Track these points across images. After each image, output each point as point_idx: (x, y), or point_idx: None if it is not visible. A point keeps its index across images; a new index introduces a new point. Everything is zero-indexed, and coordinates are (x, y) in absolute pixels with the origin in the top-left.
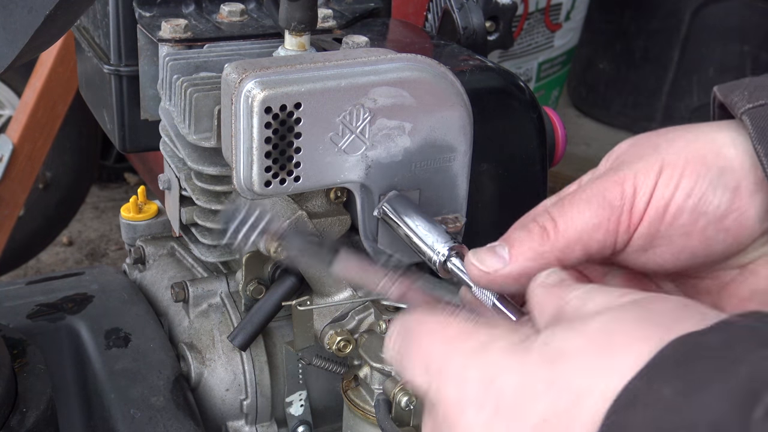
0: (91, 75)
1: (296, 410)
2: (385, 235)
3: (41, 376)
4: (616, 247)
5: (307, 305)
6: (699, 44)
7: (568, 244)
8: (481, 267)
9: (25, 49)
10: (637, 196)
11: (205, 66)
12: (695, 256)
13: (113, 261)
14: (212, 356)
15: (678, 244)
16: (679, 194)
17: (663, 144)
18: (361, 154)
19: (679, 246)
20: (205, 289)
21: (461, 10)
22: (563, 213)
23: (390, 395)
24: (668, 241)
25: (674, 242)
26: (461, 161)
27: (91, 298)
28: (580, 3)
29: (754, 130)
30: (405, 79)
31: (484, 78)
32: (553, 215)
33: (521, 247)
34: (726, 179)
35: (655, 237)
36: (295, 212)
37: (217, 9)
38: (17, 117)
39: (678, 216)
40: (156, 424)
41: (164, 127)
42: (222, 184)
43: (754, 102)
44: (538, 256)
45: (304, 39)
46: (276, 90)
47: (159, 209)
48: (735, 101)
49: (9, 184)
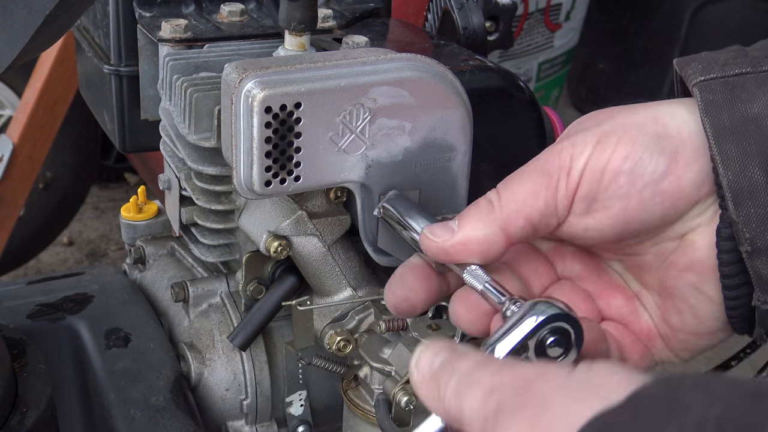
0: (91, 75)
1: (296, 410)
2: (385, 234)
3: (41, 376)
4: (559, 214)
5: (307, 305)
6: (699, 44)
7: (509, 214)
8: (432, 238)
9: (25, 49)
10: (574, 162)
11: (205, 66)
12: (634, 221)
13: (113, 261)
14: (212, 356)
15: (617, 207)
16: (615, 158)
17: (605, 118)
18: (361, 154)
19: (618, 209)
20: (205, 289)
21: (461, 10)
22: (506, 186)
23: (390, 395)
24: (607, 205)
25: (613, 205)
26: (461, 161)
27: (91, 298)
28: (580, 3)
29: (702, 101)
30: (405, 78)
31: (484, 78)
32: (498, 190)
33: (468, 218)
34: (663, 144)
35: (595, 200)
36: (295, 212)
37: (217, 9)
38: (17, 117)
39: (615, 178)
40: (156, 424)
41: (164, 127)
42: (222, 184)
43: (705, 75)
44: (483, 225)
45: (304, 39)
46: (276, 90)
47: (159, 209)
48: (689, 74)
49: (9, 184)
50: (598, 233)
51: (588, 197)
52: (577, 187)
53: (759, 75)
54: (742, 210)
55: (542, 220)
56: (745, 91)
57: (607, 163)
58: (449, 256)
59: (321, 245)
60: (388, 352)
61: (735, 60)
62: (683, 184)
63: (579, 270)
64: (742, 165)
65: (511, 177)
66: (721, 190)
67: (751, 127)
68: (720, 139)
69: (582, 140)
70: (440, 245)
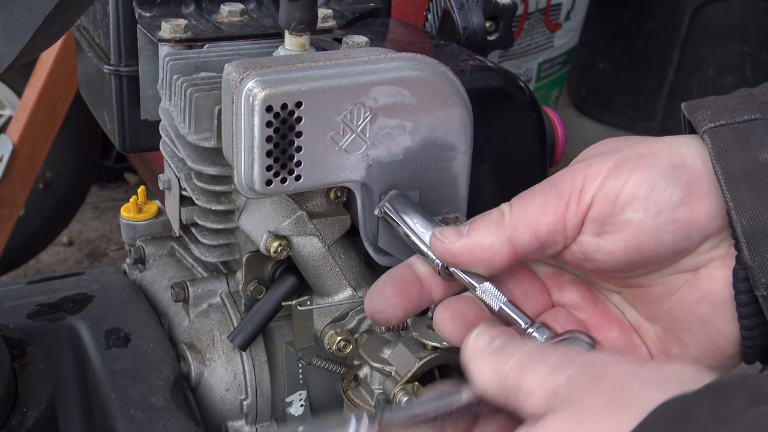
0: (91, 75)
1: (296, 410)
2: (385, 234)
3: (41, 376)
4: (567, 233)
5: (307, 305)
6: (699, 44)
7: (517, 226)
8: (440, 238)
9: (25, 49)
10: (587, 183)
11: (205, 66)
12: (646, 247)
13: (113, 261)
14: (212, 356)
15: (630, 231)
16: (630, 182)
17: (622, 146)
18: (362, 153)
19: (630, 233)
20: (205, 289)
21: (461, 10)
22: (519, 200)
23: (390, 395)
24: (620, 228)
25: (626, 229)
26: (461, 161)
27: (91, 298)
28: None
29: (713, 149)
30: (405, 78)
31: (484, 78)
32: (511, 203)
33: (478, 225)
34: (679, 173)
35: (607, 222)
36: (295, 212)
37: (217, 9)
38: (17, 117)
39: (630, 202)
40: (156, 424)
41: (164, 127)
42: (222, 184)
43: (715, 122)
44: (490, 233)
45: (304, 39)
46: (277, 88)
47: (159, 209)
48: (698, 120)
49: (9, 184)
50: (609, 256)
51: (600, 219)
52: (589, 208)
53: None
54: (757, 255)
55: (549, 237)
56: (756, 137)
57: (622, 187)
58: (454, 258)
59: (321, 245)
60: (388, 352)
61: (744, 105)
62: (698, 214)
63: (576, 299)
64: (755, 211)
65: (525, 192)
66: (735, 234)
67: (764, 173)
68: (732, 185)
69: (597, 163)
70: (447, 247)
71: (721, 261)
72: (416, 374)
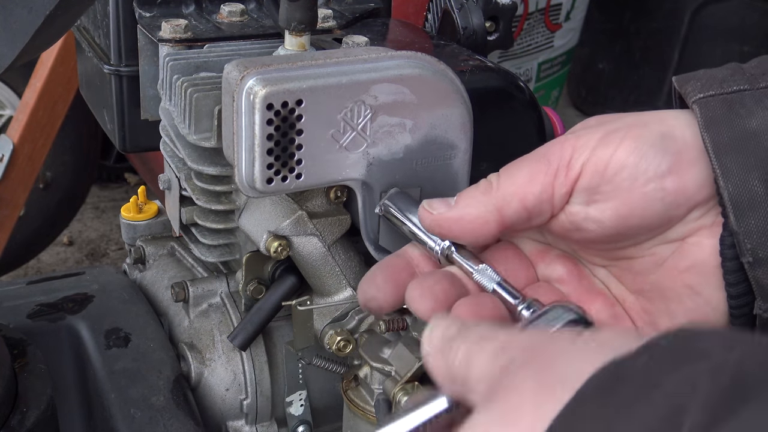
0: (91, 75)
1: (296, 410)
2: (386, 232)
3: (41, 376)
4: (554, 203)
5: (307, 305)
6: (699, 44)
7: (505, 196)
8: (429, 210)
9: (25, 49)
10: (575, 153)
11: (205, 66)
12: (634, 216)
13: (113, 261)
14: (212, 356)
15: (619, 199)
16: (619, 151)
17: (611, 118)
18: (363, 151)
19: (619, 201)
20: (205, 289)
21: (461, 10)
22: (507, 170)
23: (390, 395)
24: (609, 196)
25: (615, 197)
26: (462, 159)
27: (92, 298)
28: (580, 3)
29: (702, 118)
30: (405, 76)
31: (484, 78)
32: (500, 173)
33: (466, 195)
34: (667, 143)
35: (596, 191)
36: (295, 212)
37: (217, 9)
38: (17, 117)
39: (619, 171)
40: (156, 424)
41: (164, 127)
42: (222, 184)
43: (705, 92)
44: (478, 203)
45: (304, 39)
46: (278, 87)
47: (159, 209)
48: (688, 91)
49: (9, 184)
50: (597, 225)
51: (589, 188)
52: (578, 177)
53: (756, 91)
54: (743, 221)
55: (536, 206)
56: (744, 107)
57: (612, 156)
58: (442, 229)
59: (321, 245)
60: (388, 352)
61: (732, 77)
62: (686, 183)
63: (560, 273)
64: (742, 178)
65: (513, 162)
66: (722, 201)
67: (750, 142)
68: (720, 153)
69: (586, 134)
70: (435, 217)
71: (708, 230)
72: (416, 374)
